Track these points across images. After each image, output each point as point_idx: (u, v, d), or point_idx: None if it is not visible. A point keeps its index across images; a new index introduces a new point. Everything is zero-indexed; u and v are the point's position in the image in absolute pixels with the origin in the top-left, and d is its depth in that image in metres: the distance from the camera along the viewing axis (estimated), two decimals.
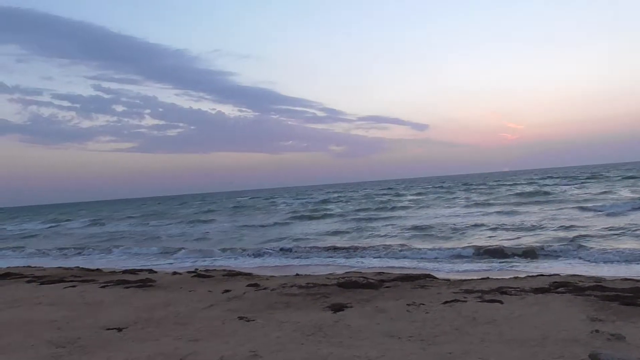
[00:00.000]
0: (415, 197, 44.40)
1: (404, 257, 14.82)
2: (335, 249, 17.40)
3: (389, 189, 72.83)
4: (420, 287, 8.23)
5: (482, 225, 20.67)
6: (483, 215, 25.15)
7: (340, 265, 13.94)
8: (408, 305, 6.65)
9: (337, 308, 6.72)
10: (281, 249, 18.11)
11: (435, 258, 14.33)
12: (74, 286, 9.88)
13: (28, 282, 10.89)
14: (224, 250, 19.21)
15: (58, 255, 22.13)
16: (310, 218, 31.31)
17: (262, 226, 28.30)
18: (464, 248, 15.15)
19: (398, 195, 51.79)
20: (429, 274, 9.86)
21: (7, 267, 15.24)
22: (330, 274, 10.85)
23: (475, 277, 9.63)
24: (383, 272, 10.68)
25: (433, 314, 6.11)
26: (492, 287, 7.70)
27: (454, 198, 39.57)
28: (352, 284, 8.53)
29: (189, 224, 34.06)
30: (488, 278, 9.31)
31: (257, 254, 17.46)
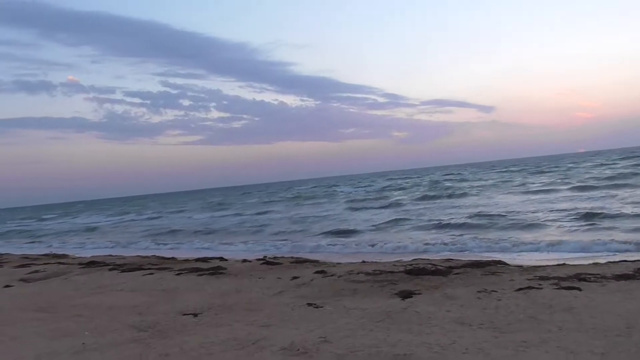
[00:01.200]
0: (482, 183, 42.94)
1: (473, 244, 14.41)
2: (399, 236, 17.23)
3: (454, 174, 70.99)
4: (491, 273, 7.99)
5: (557, 210, 19.68)
6: (558, 200, 23.92)
7: (407, 253, 13.77)
8: (478, 292, 6.48)
9: (405, 295, 6.65)
10: (343, 237, 18.15)
11: (506, 245, 13.79)
12: (151, 274, 10.42)
13: (110, 269, 11.59)
14: (287, 238, 19.53)
15: (135, 245, 23.40)
16: (372, 207, 30.86)
17: (324, 215, 28.35)
18: (537, 236, 14.52)
19: (464, 180, 50.41)
20: (500, 260, 9.56)
21: (91, 256, 16.33)
22: (397, 260, 10.76)
23: (550, 264, 9.22)
24: (451, 259, 10.47)
25: (505, 301, 5.91)
26: (569, 274, 7.33)
27: (526, 182, 37.88)
28: (420, 270, 8.41)
29: (252, 214, 34.71)
30: (564, 264, 8.87)
31: (320, 242, 17.61)
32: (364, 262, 10.88)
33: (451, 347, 4.33)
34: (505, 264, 9.21)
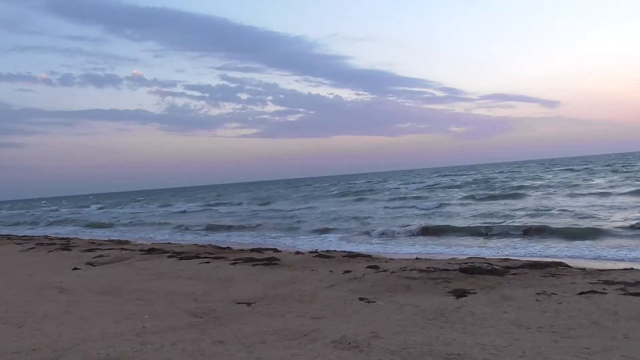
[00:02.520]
0: (543, 182, 41.11)
1: (531, 245, 13.86)
2: (454, 234, 16.86)
3: (513, 172, 68.55)
4: (550, 275, 7.68)
5: (627, 213, 18.60)
6: (628, 202, 22.56)
7: (461, 253, 13.45)
8: (537, 294, 6.25)
9: (460, 294, 6.52)
10: (393, 235, 17.93)
11: (567, 246, 13.17)
12: (208, 262, 10.74)
13: (169, 257, 12.04)
14: (337, 232, 19.54)
15: (192, 233, 24.19)
16: (423, 205, 29.71)
17: (373, 211, 27.85)
18: (603, 239, 13.79)
19: (523, 178, 48.54)
20: (561, 262, 9.16)
21: (152, 243, 17.05)
22: (451, 258, 10.56)
23: (616, 267, 8.75)
24: (509, 259, 10.15)
25: (567, 304, 5.67)
26: (638, 279, 6.93)
27: (592, 182, 35.98)
28: (475, 269, 8.21)
29: (303, 208, 34.56)
30: (632, 269, 8.40)
31: (371, 238, 17.52)
32: (417, 258, 10.74)
33: (507, 349, 4.20)
34: (566, 266, 8.82)
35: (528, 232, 15.68)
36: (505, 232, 16.19)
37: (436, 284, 7.35)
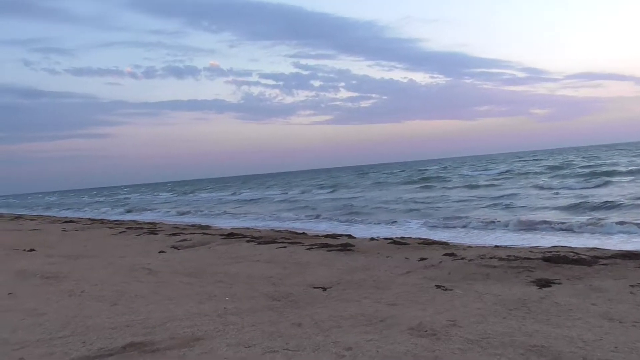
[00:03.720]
0: (638, 167, 37.89)
1: (623, 234, 12.93)
2: (535, 223, 16.08)
3: (601, 157, 63.95)
4: None
5: None
6: None
7: (543, 240, 12.80)
8: (631, 286, 5.83)
9: (543, 283, 6.23)
10: (474, 221, 17.37)
11: None
12: (284, 247, 11.00)
13: (248, 241, 12.45)
14: (408, 220, 19.27)
15: (269, 219, 24.84)
16: (498, 194, 28.11)
17: (446, 199, 27.02)
18: None
19: (613, 162, 45.14)
20: None
21: (231, 228, 17.72)
22: (533, 247, 10.11)
23: None
24: (597, 248, 9.54)
25: None
26: None
27: None
28: (560, 258, 7.79)
29: (373, 195, 34.34)
30: None
31: (446, 225, 17.11)
32: (496, 246, 10.39)
33: (597, 343, 3.97)
34: None
35: (619, 222, 14.61)
36: (593, 222, 15.19)
37: (517, 273, 7.07)
